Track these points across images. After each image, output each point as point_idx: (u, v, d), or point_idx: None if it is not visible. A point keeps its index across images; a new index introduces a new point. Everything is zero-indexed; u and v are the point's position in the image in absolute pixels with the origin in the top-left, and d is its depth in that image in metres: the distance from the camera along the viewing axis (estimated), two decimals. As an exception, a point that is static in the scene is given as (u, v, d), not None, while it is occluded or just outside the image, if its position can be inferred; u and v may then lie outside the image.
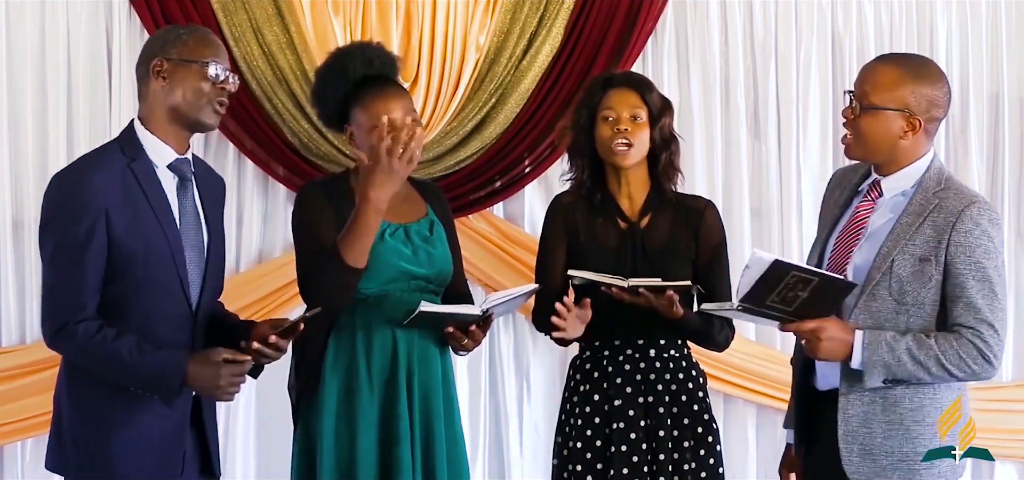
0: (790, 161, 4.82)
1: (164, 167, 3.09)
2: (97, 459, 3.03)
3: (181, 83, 3.07)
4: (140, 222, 3.01)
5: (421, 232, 3.40)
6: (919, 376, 3.05)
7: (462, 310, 3.31)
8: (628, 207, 3.55)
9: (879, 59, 3.25)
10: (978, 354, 3.04)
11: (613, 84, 3.56)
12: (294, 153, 4.59)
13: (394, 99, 3.36)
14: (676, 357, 3.53)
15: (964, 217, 3.06)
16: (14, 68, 4.54)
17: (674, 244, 3.51)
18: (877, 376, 3.05)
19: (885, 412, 3.09)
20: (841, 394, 3.11)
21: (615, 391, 3.49)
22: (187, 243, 3.08)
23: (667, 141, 3.55)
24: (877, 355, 3.04)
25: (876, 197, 3.20)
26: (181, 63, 3.07)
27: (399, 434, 3.30)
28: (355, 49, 3.50)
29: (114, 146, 3.11)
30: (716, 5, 4.78)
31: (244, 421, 4.67)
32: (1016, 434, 4.88)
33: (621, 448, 3.45)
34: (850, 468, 3.09)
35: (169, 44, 3.09)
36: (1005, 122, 4.92)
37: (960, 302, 3.05)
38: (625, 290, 3.35)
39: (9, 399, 4.51)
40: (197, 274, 3.10)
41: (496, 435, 4.80)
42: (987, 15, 4.91)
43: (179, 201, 3.10)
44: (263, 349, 3.07)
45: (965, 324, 3.04)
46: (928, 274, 3.07)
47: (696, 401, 3.52)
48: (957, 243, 3.05)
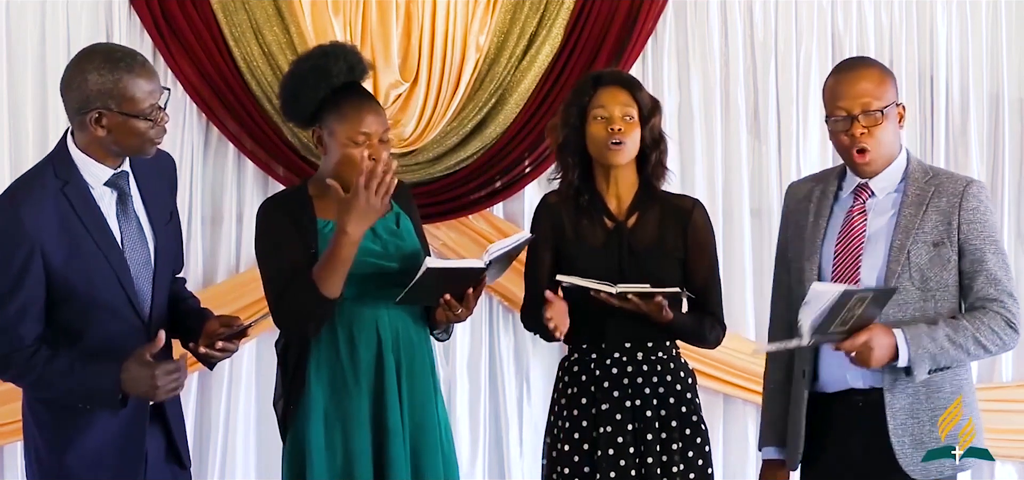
0: (790, 161, 4.82)
1: (100, 185, 3.00)
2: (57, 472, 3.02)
3: (122, 132, 2.94)
4: (79, 251, 2.94)
5: (388, 226, 3.36)
6: (960, 358, 3.15)
7: (466, 263, 3.32)
8: (615, 206, 3.54)
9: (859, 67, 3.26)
10: (1006, 324, 3.16)
11: (603, 83, 3.53)
12: (294, 153, 4.59)
13: (371, 113, 3.32)
14: (664, 359, 3.52)
15: (968, 196, 3.17)
16: (14, 68, 4.54)
17: (661, 243, 3.50)
18: (924, 367, 3.12)
19: (929, 400, 3.17)
20: (886, 391, 3.17)
21: (602, 395, 3.48)
22: (132, 261, 3.01)
23: (657, 141, 3.54)
24: (921, 348, 3.11)
25: (866, 199, 3.23)
26: (123, 116, 2.92)
27: (391, 428, 3.28)
28: (338, 52, 3.41)
29: (46, 168, 2.99)
30: (716, 5, 4.78)
31: (244, 421, 4.67)
32: (1016, 434, 4.88)
33: (608, 452, 3.44)
34: (905, 461, 3.15)
35: (108, 93, 2.90)
36: (1005, 122, 4.92)
37: (980, 276, 3.15)
38: (614, 296, 3.35)
39: (9, 399, 4.51)
40: (146, 289, 3.04)
41: (496, 435, 4.80)
42: (987, 15, 4.91)
43: (119, 219, 3.02)
44: (211, 352, 3.04)
45: (990, 297, 3.15)
46: (945, 257, 3.16)
47: (685, 402, 3.51)
48: (968, 221, 3.16)
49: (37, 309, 2.95)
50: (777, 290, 3.42)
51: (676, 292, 3.40)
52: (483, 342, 4.76)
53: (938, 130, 4.88)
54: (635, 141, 3.49)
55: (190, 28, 4.55)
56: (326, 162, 3.36)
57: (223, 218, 4.66)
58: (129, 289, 3.00)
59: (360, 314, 3.30)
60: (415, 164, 4.61)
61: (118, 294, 2.99)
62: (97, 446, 3.02)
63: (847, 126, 3.17)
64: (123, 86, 2.92)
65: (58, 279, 2.94)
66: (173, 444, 3.15)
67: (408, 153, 4.59)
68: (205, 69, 4.57)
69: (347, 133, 3.29)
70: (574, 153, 3.53)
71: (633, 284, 3.37)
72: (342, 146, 3.30)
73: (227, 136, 4.62)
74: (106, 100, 2.91)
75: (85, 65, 2.95)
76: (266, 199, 3.53)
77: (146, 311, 3.05)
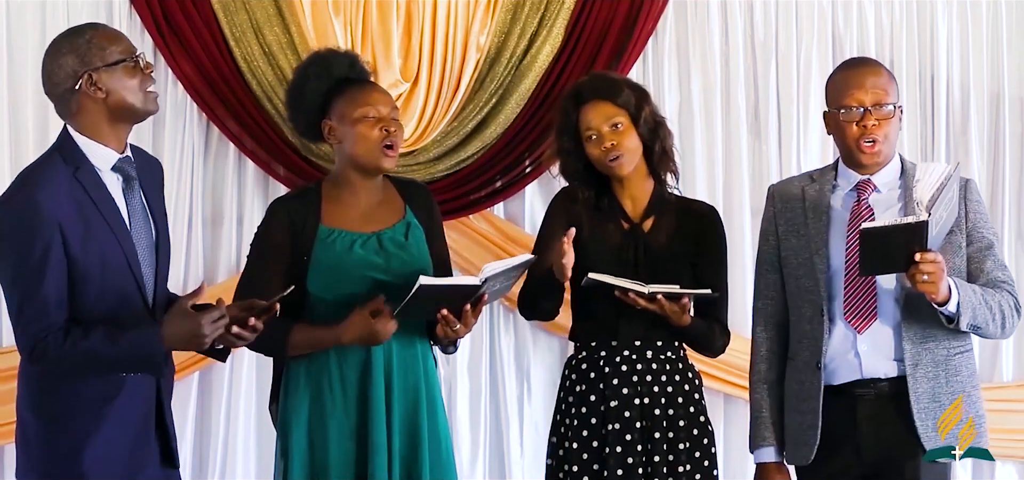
0: (790, 161, 4.82)
1: (108, 170, 3.02)
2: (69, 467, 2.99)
3: (116, 85, 2.99)
4: (93, 233, 2.95)
5: (395, 239, 3.34)
6: (988, 321, 3.21)
7: (460, 281, 3.28)
8: (631, 208, 3.54)
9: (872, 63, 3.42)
10: (1014, 305, 3.27)
11: (584, 99, 3.50)
12: (294, 153, 4.59)
13: (376, 91, 3.35)
14: (672, 359, 3.53)
15: (970, 189, 3.29)
16: (14, 68, 4.55)
17: (675, 247, 3.50)
18: (967, 317, 3.16)
19: (949, 384, 3.25)
20: (909, 376, 3.22)
21: (611, 392, 3.48)
22: (139, 244, 3.03)
23: (654, 130, 3.52)
24: (966, 296, 3.17)
25: (870, 193, 3.29)
26: (108, 68, 2.98)
27: (375, 444, 3.25)
28: (338, 51, 3.48)
29: (54, 157, 3.00)
30: (716, 5, 4.79)
31: (244, 421, 4.67)
32: (1016, 434, 4.88)
33: (616, 449, 3.44)
34: (930, 443, 3.19)
35: (85, 54, 2.98)
36: (1005, 122, 4.92)
37: (989, 259, 3.27)
38: (644, 296, 3.35)
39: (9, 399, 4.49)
40: (150, 273, 3.06)
41: (496, 435, 4.80)
42: (987, 15, 4.91)
43: (127, 202, 3.04)
44: (242, 332, 3.01)
45: (1001, 278, 3.26)
46: (957, 243, 3.25)
47: (692, 403, 3.52)
48: (974, 211, 3.28)
49: (63, 293, 2.94)
50: (764, 293, 3.43)
51: (706, 294, 3.41)
52: (483, 342, 4.76)
53: (938, 130, 4.88)
54: (634, 144, 3.49)
55: (190, 28, 4.55)
56: (341, 152, 3.35)
57: (223, 218, 4.66)
58: (137, 273, 3.01)
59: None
60: (416, 164, 4.62)
61: (128, 279, 3.00)
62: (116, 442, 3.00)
63: (858, 117, 3.24)
64: (97, 40, 3.00)
65: (75, 264, 2.94)
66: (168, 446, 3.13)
67: (408, 153, 4.59)
68: (205, 69, 4.57)
69: (356, 110, 3.30)
70: (579, 175, 3.53)
71: (663, 285, 3.37)
72: (353, 124, 3.30)
73: (227, 136, 4.62)
74: (89, 60, 2.98)
75: (54, 52, 3.02)
76: (280, 197, 3.55)
77: (150, 296, 3.06)
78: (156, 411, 3.08)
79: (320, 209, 3.32)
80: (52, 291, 2.92)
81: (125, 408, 3.01)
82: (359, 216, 3.34)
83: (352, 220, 3.34)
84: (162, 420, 3.11)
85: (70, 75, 2.98)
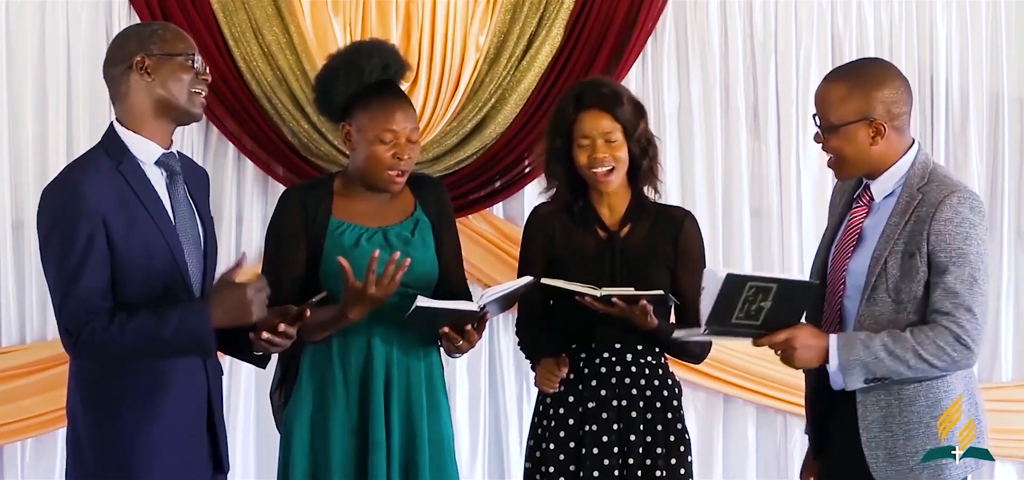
0: (790, 162, 4.82)
1: (151, 164, 3.05)
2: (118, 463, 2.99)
3: (167, 76, 3.03)
4: (137, 225, 2.98)
5: (402, 235, 3.37)
6: (900, 371, 3.03)
7: (458, 306, 3.29)
8: (608, 216, 3.54)
9: (826, 78, 3.23)
10: (954, 340, 3.01)
11: (584, 106, 3.50)
12: (294, 153, 4.59)
13: (399, 110, 3.34)
14: (652, 364, 3.53)
15: (944, 206, 3.05)
16: (14, 68, 4.54)
17: (652, 252, 3.51)
18: (857, 377, 3.05)
19: (903, 413, 3.08)
20: (858, 402, 3.10)
21: (590, 393, 3.49)
22: (184, 238, 3.05)
23: (645, 149, 3.53)
24: (854, 355, 3.03)
25: (868, 202, 3.21)
26: (165, 57, 3.03)
27: (374, 441, 3.28)
28: (372, 49, 3.44)
29: (98, 151, 3.05)
30: (716, 5, 4.78)
31: (244, 421, 4.67)
32: (1016, 434, 4.88)
33: (593, 451, 3.45)
34: (879, 474, 3.08)
35: (147, 41, 3.05)
36: (1005, 122, 4.92)
37: (938, 288, 3.03)
38: (598, 299, 3.34)
39: (9, 399, 4.51)
40: (197, 268, 3.08)
41: (496, 435, 4.80)
42: (987, 15, 4.91)
43: (170, 196, 3.06)
44: (273, 338, 3.01)
45: (941, 310, 3.02)
46: (915, 268, 3.06)
47: (670, 409, 3.52)
48: (937, 231, 3.04)
49: (106, 282, 2.95)
50: None
51: (660, 295, 3.39)
52: (483, 342, 4.73)
53: (938, 130, 4.88)
54: (623, 161, 3.49)
55: (190, 28, 4.54)
56: (354, 158, 3.38)
57: (223, 218, 4.65)
58: (182, 264, 3.03)
59: (355, 323, 3.29)
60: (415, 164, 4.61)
61: (172, 269, 3.01)
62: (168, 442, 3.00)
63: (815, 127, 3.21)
64: (162, 32, 3.08)
65: (120, 254, 2.96)
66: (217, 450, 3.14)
67: (408, 153, 4.59)
68: (205, 69, 4.57)
69: (374, 130, 3.31)
70: (562, 177, 3.53)
71: (617, 288, 3.36)
72: (369, 143, 3.32)
73: (227, 136, 4.62)
74: (148, 46, 3.04)
75: (121, 36, 3.13)
76: (292, 186, 3.61)
77: (198, 290, 3.07)
78: (207, 413, 3.09)
79: (332, 202, 3.35)
80: (96, 280, 2.94)
81: (175, 407, 3.02)
82: (368, 211, 3.38)
83: (361, 214, 3.38)
84: (212, 422, 3.12)
85: (127, 55, 3.04)
